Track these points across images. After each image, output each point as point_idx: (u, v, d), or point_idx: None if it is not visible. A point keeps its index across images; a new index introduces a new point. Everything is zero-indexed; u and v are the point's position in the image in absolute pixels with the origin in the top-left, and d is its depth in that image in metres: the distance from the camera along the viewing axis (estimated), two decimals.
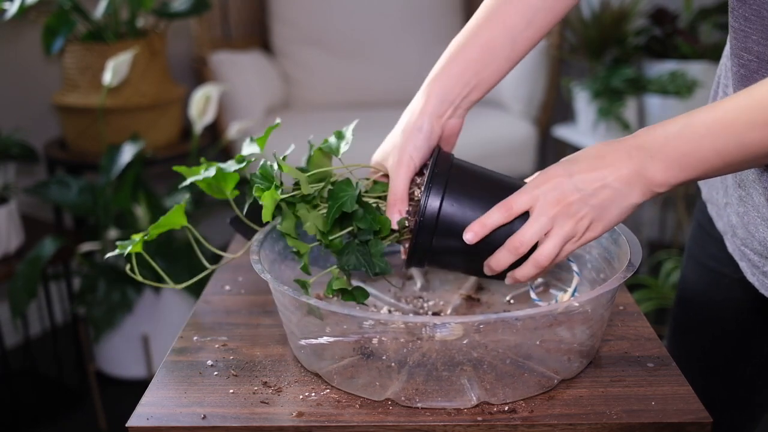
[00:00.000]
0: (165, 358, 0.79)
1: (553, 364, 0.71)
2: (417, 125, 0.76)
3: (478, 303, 0.89)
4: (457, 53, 0.78)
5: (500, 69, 0.79)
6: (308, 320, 0.73)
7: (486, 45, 0.78)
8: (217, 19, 2.60)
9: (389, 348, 0.70)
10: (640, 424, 0.66)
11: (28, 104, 2.27)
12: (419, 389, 0.68)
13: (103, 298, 1.86)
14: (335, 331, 0.72)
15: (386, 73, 2.68)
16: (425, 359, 0.69)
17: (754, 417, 0.97)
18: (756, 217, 0.77)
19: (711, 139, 0.62)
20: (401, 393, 0.69)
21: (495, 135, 2.43)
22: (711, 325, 0.95)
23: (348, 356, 0.72)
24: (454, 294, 0.91)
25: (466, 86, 0.78)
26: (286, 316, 0.77)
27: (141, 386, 0.81)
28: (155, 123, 2.09)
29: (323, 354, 0.74)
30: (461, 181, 0.74)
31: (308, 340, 0.74)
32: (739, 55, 0.70)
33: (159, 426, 0.68)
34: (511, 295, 0.90)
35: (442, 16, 2.73)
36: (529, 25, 0.78)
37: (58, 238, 1.82)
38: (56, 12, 1.88)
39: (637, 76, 2.36)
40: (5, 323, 2.21)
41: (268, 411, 0.69)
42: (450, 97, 0.78)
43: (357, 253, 0.76)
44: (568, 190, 0.67)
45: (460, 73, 0.78)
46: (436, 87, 0.78)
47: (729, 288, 0.90)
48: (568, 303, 0.67)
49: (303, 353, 0.76)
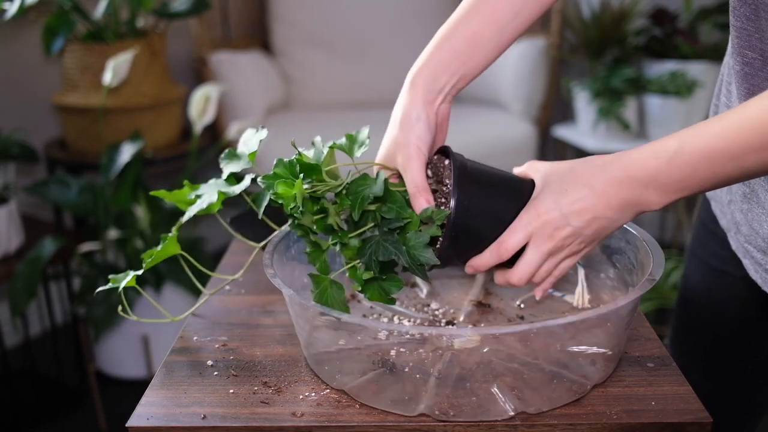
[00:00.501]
0: (165, 358, 0.79)
1: (582, 370, 0.71)
2: (414, 115, 0.75)
3: (490, 309, 0.88)
4: (443, 43, 0.78)
5: (486, 59, 0.79)
6: (332, 333, 0.73)
7: (473, 36, 0.77)
8: (217, 19, 2.60)
9: (414, 360, 0.70)
10: (640, 424, 0.66)
11: (28, 104, 2.27)
12: (452, 403, 0.67)
13: (103, 298, 1.86)
14: (357, 343, 0.72)
15: (386, 73, 2.68)
16: (452, 371, 0.68)
17: (754, 416, 0.97)
18: (760, 213, 0.77)
19: (707, 164, 0.61)
20: (434, 407, 0.67)
21: (495, 135, 2.43)
22: (713, 324, 0.95)
23: (370, 370, 0.70)
24: (463, 300, 0.90)
25: (454, 75, 0.77)
26: (305, 330, 0.76)
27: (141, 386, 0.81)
28: (155, 123, 2.09)
29: (343, 368, 0.73)
30: (479, 181, 0.73)
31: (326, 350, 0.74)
32: (742, 54, 0.69)
33: (159, 426, 0.68)
34: (522, 299, 0.90)
35: (442, 16, 2.72)
36: (516, 16, 0.77)
37: (58, 238, 1.82)
38: (56, 12, 1.88)
39: (637, 76, 2.36)
40: (5, 323, 2.21)
41: (268, 411, 0.69)
42: (438, 86, 0.77)
43: (385, 243, 0.72)
44: (560, 226, 0.68)
45: (446, 63, 0.77)
46: (423, 76, 0.77)
47: (732, 286, 0.90)
48: (607, 307, 0.67)
49: (326, 369, 0.74)
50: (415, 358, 0.70)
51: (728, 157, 0.60)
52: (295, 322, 0.77)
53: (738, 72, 0.71)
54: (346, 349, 0.73)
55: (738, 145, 0.59)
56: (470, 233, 0.72)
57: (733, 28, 0.70)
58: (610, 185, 0.65)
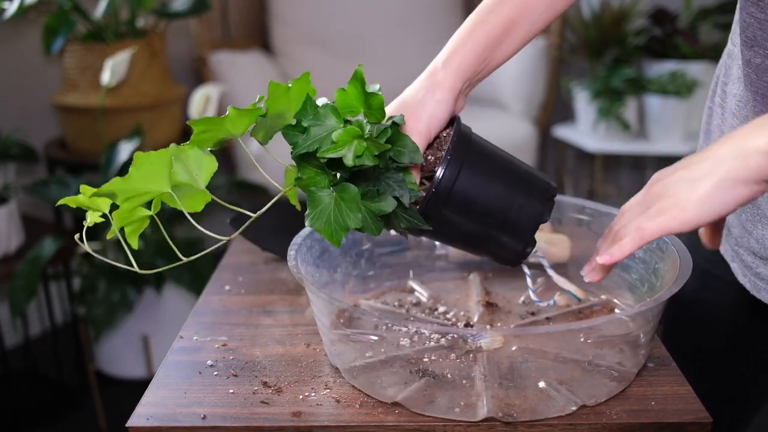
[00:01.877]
0: (165, 358, 0.79)
1: (613, 358, 0.71)
2: (438, 98, 0.74)
3: (498, 308, 0.88)
4: (476, 30, 0.77)
5: (513, 49, 0.78)
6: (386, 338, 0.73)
7: (505, 24, 0.77)
8: (217, 19, 2.60)
9: (452, 366, 0.70)
10: (640, 424, 0.66)
11: (28, 104, 2.27)
12: (509, 403, 0.67)
13: (103, 298, 1.86)
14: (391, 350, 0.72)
15: (386, 72, 2.68)
16: (493, 372, 0.69)
17: (743, 418, 0.97)
18: (754, 214, 0.77)
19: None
20: (497, 410, 0.66)
21: (495, 135, 2.41)
22: (703, 325, 0.95)
23: (412, 381, 0.70)
24: (465, 301, 0.90)
25: (482, 63, 0.77)
26: (337, 339, 0.76)
27: (141, 386, 0.81)
28: (155, 123, 2.09)
29: (381, 381, 0.72)
30: (480, 158, 0.72)
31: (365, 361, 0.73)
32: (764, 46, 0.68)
33: (159, 426, 0.67)
34: (524, 297, 0.90)
35: (442, 16, 2.73)
36: (549, 7, 0.78)
37: (58, 238, 1.82)
38: (56, 12, 1.88)
39: (637, 76, 2.36)
40: (5, 323, 2.21)
41: (268, 411, 0.69)
42: (468, 74, 0.76)
43: (388, 180, 0.69)
44: (663, 177, 0.61)
45: (479, 51, 0.76)
46: (456, 62, 0.75)
47: (721, 289, 0.90)
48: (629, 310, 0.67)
49: (363, 382, 0.73)
50: (451, 364, 0.70)
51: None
52: (324, 335, 0.77)
53: (758, 66, 0.70)
54: (378, 361, 0.73)
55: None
56: (456, 202, 0.71)
57: (756, 20, 0.69)
58: (732, 145, 0.57)
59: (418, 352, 0.73)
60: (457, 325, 0.84)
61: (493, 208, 0.72)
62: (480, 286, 0.92)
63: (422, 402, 0.68)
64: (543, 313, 0.86)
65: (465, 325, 0.84)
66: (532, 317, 0.86)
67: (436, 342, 0.74)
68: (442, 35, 2.71)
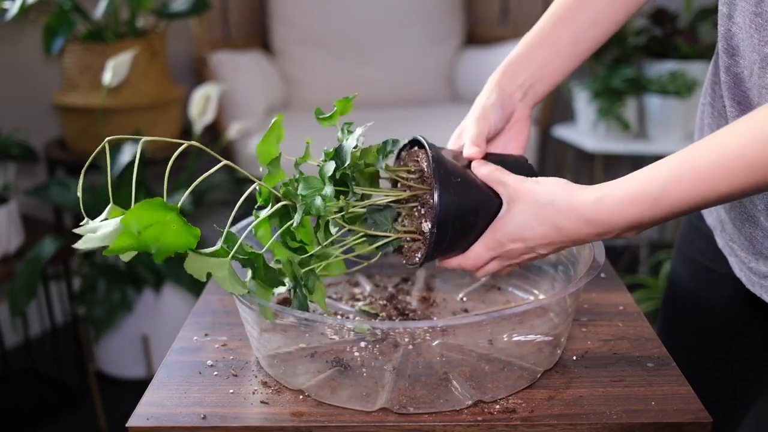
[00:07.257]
0: (165, 358, 0.79)
1: (530, 358, 0.72)
2: (486, 95, 0.82)
3: (434, 303, 0.90)
4: (529, 50, 0.85)
5: (565, 66, 0.86)
6: (281, 335, 0.73)
7: (552, 43, 0.84)
8: (217, 19, 2.60)
9: (365, 357, 0.70)
10: (640, 424, 0.66)
11: (28, 104, 2.27)
12: (410, 396, 0.68)
13: (103, 298, 1.87)
14: (312, 342, 0.72)
15: (386, 73, 2.68)
16: (405, 365, 0.69)
17: (737, 415, 0.97)
18: (742, 213, 0.78)
19: (691, 196, 0.59)
20: (394, 401, 0.68)
21: None
22: (699, 321, 0.95)
23: (324, 370, 0.71)
24: (406, 296, 0.91)
25: (531, 77, 0.84)
26: (259, 333, 0.76)
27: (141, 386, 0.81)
28: (155, 123, 2.09)
29: (296, 370, 0.73)
30: (452, 174, 0.73)
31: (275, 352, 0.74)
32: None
33: (159, 426, 0.68)
34: (464, 293, 0.92)
35: (442, 17, 2.73)
36: (593, 25, 0.84)
37: (58, 238, 1.82)
38: (56, 12, 1.88)
39: (637, 76, 2.36)
40: (5, 323, 2.21)
41: (268, 411, 0.69)
42: (519, 80, 0.84)
43: (379, 217, 0.75)
44: (525, 252, 0.72)
45: (526, 65, 0.84)
46: (508, 73, 0.84)
47: (717, 283, 0.91)
48: (543, 300, 0.69)
49: (281, 372, 0.74)
50: (369, 355, 0.71)
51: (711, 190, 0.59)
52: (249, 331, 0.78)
53: (736, 74, 0.71)
54: (299, 349, 0.73)
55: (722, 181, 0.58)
56: (448, 228, 0.72)
57: (738, 28, 0.69)
58: (580, 230, 0.66)
59: (337, 343, 0.72)
60: (392, 318, 0.85)
61: (479, 209, 0.73)
62: (424, 283, 0.94)
63: (327, 391, 0.70)
64: (477, 310, 0.88)
65: (399, 317, 0.85)
66: (464, 314, 0.87)
67: (356, 335, 0.73)
68: (442, 36, 2.72)
